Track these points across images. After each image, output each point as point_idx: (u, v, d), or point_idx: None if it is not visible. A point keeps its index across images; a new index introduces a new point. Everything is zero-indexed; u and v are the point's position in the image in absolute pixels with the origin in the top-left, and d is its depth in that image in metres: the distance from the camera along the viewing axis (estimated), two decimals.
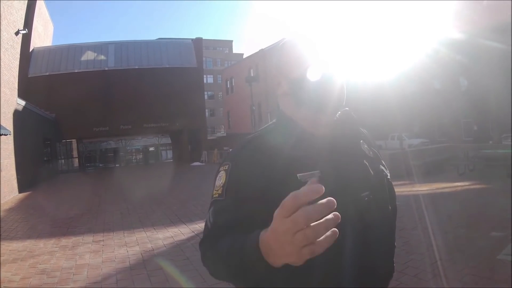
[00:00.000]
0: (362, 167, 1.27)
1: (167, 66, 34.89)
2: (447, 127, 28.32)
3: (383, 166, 1.38)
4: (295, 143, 1.20)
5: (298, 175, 1.12)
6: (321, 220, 0.79)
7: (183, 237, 7.60)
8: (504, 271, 4.38)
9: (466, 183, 11.91)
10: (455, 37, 23.55)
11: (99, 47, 34.87)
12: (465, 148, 16.11)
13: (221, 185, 1.20)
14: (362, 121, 1.38)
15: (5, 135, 14.37)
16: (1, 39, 16.25)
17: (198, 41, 37.58)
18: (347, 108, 1.35)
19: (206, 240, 1.18)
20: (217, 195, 1.21)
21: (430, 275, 4.56)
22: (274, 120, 1.36)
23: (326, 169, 1.15)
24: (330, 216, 0.80)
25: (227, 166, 1.23)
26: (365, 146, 1.35)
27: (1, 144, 14.95)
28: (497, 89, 20.95)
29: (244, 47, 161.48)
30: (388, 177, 1.37)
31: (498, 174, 11.75)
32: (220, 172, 1.24)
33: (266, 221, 1.07)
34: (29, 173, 19.46)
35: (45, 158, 27.09)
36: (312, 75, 1.21)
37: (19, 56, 19.68)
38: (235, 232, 1.09)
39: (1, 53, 15.93)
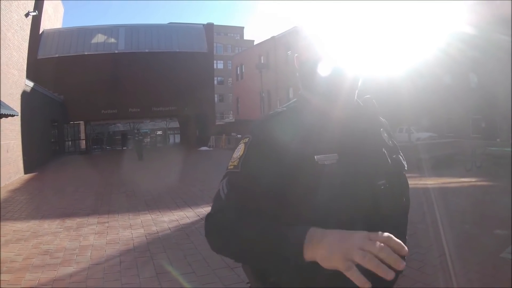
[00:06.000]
0: (380, 155, 1.26)
1: (178, 50, 34.56)
2: (456, 122, 28.09)
3: (402, 157, 1.36)
4: (311, 125, 1.19)
5: (315, 156, 1.12)
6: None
7: (188, 221, 7.64)
8: (506, 269, 4.35)
9: (473, 180, 11.84)
10: (467, 32, 23.21)
11: (110, 30, 34.64)
12: (472, 145, 15.95)
13: (238, 157, 1.21)
14: (382, 111, 1.38)
15: (12, 116, 14.39)
16: (12, 21, 16.24)
17: (209, 27, 37.39)
18: (368, 96, 1.36)
19: (224, 212, 1.16)
20: (232, 166, 1.21)
21: (434, 269, 4.53)
22: (294, 100, 1.36)
23: (344, 153, 1.14)
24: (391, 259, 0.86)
25: (247, 139, 1.23)
26: (385, 135, 1.34)
27: (9, 124, 15.00)
28: (508, 86, 20.68)
29: (255, 34, 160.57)
30: (406, 168, 1.36)
31: (504, 172, 11.66)
32: (240, 145, 1.24)
33: (278, 203, 1.11)
34: (35, 154, 19.58)
35: (52, 140, 27.28)
36: (333, 59, 1.22)
37: (28, 38, 19.59)
38: (246, 209, 1.12)
39: (7, 35, 15.90)
